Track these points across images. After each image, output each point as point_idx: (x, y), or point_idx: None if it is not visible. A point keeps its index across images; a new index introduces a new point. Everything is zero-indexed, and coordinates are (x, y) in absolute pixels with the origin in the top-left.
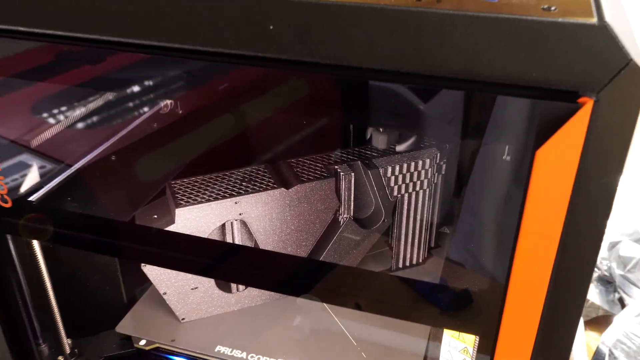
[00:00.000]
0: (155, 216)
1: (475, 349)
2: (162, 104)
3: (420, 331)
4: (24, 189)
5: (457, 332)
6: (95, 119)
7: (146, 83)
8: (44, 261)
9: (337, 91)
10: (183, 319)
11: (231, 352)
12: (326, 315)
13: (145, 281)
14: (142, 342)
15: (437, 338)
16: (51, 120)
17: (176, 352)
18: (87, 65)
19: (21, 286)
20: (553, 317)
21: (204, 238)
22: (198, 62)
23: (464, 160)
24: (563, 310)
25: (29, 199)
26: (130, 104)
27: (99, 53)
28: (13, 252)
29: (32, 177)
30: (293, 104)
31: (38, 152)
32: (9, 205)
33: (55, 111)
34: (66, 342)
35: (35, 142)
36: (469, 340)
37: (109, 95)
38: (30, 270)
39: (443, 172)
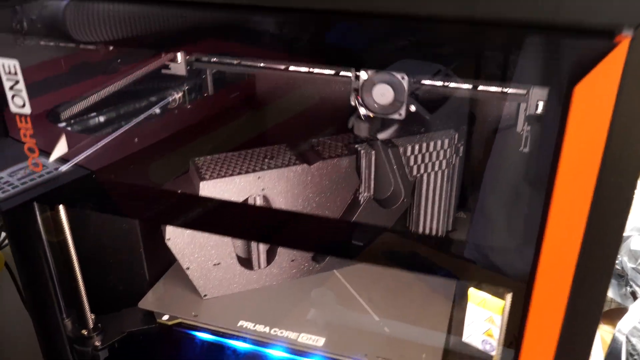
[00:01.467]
0: (179, 191)
1: (505, 314)
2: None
3: (442, 307)
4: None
5: (483, 300)
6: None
7: None
8: (72, 238)
9: None
10: (205, 295)
11: (254, 326)
12: (348, 292)
13: (168, 260)
14: (165, 317)
15: (460, 310)
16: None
17: (199, 327)
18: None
19: (48, 262)
20: (584, 279)
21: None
22: None
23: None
24: (593, 272)
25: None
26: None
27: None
28: (41, 229)
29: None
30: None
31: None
32: (39, 169)
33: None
34: (90, 317)
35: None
36: (496, 308)
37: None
38: (57, 247)
39: (461, 154)
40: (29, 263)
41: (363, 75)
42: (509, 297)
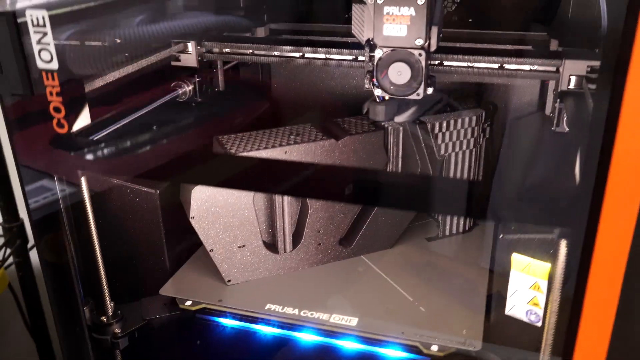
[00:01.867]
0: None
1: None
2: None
3: (478, 283)
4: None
5: (527, 265)
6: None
7: None
8: (93, 218)
9: None
10: (229, 280)
11: (282, 309)
12: (378, 275)
13: (189, 251)
14: (188, 303)
15: (500, 281)
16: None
17: (223, 312)
18: None
19: (70, 248)
20: None
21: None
22: None
23: None
24: None
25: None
26: None
27: None
28: (64, 215)
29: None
30: None
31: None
32: (64, 130)
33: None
34: (109, 304)
35: None
36: (541, 272)
37: None
38: (80, 234)
39: (487, 136)
40: (51, 249)
41: (378, 53)
42: (563, 248)
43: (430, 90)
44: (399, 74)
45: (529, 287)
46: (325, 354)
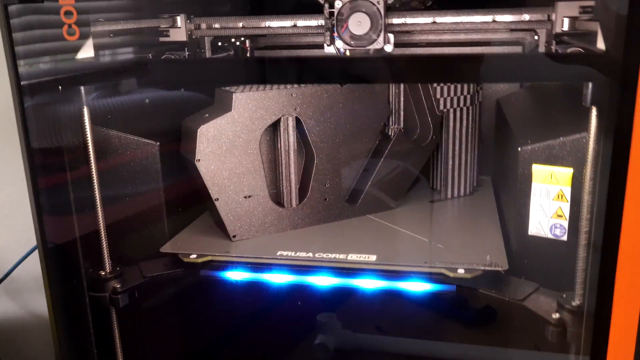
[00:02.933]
0: (207, 115)
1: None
2: None
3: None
4: None
5: (549, 174)
6: None
7: None
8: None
9: None
10: (234, 236)
11: (295, 254)
12: (390, 228)
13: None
14: (193, 256)
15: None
16: None
17: (231, 263)
18: None
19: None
20: None
21: None
22: None
23: None
24: None
25: None
26: None
27: None
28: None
29: None
30: None
31: None
32: (75, 37)
33: None
34: (107, 259)
35: None
36: (565, 179)
37: None
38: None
39: (480, 99)
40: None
41: (337, 4)
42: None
43: (390, 46)
44: (359, 24)
45: (552, 198)
46: (343, 298)
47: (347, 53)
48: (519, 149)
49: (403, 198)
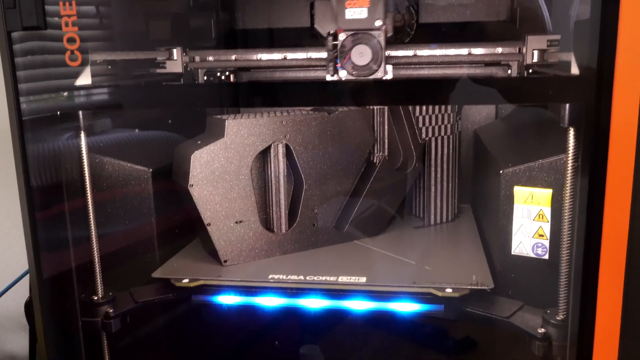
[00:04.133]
0: (200, 142)
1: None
2: None
3: (475, 247)
4: None
5: (530, 195)
6: None
7: None
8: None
9: None
10: (225, 260)
11: (287, 277)
12: (378, 252)
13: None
14: (185, 280)
15: (500, 225)
16: None
17: (223, 288)
18: None
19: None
20: None
21: None
22: None
23: None
24: None
25: None
26: None
27: None
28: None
29: None
30: None
31: None
32: (77, 63)
33: None
34: (100, 284)
35: None
36: (545, 199)
37: None
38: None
39: (459, 129)
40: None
41: (341, 37)
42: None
43: (389, 73)
44: (361, 55)
45: (533, 218)
46: (334, 320)
47: None
48: (501, 171)
49: (388, 225)
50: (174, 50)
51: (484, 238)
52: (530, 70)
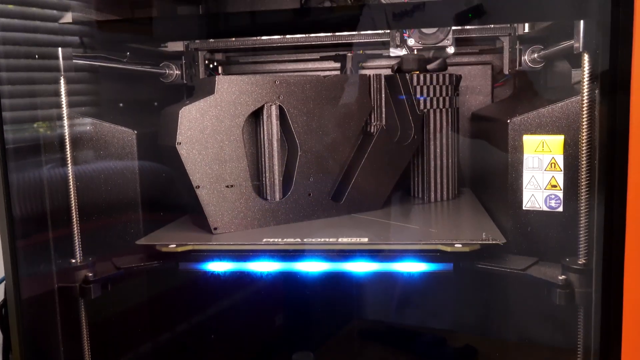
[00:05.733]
0: (187, 101)
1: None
2: None
3: (481, 212)
4: None
5: (541, 143)
6: None
7: None
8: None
9: None
10: (215, 228)
11: (282, 240)
12: (379, 221)
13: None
14: (172, 246)
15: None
16: None
17: (213, 254)
18: None
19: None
20: None
21: None
22: None
23: None
24: None
25: None
26: None
27: None
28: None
29: None
30: None
31: None
32: None
33: None
34: (79, 247)
35: None
36: (557, 146)
37: None
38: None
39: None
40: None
41: None
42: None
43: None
44: None
45: (545, 168)
46: (333, 285)
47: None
48: (509, 120)
49: (385, 203)
50: None
51: (490, 208)
52: None
